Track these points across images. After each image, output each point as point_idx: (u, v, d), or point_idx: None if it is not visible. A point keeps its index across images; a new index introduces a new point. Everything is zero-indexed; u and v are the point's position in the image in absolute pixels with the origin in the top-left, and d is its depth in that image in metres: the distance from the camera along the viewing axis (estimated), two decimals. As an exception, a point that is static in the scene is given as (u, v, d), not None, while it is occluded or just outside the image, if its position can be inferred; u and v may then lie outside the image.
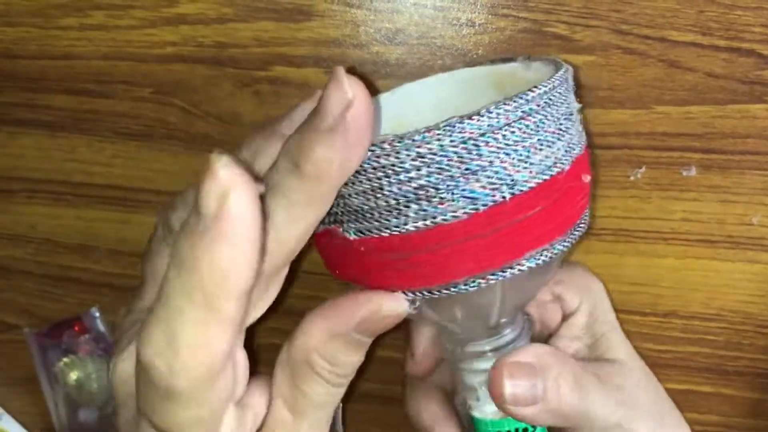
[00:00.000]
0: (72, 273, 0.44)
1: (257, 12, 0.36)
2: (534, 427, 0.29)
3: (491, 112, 0.21)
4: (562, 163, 0.23)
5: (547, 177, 0.22)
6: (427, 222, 0.21)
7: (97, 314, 0.45)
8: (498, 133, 0.21)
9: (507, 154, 0.21)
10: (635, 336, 0.41)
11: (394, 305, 0.23)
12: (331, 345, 0.23)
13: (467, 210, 0.21)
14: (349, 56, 0.37)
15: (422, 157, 0.21)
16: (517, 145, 0.21)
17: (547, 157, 0.22)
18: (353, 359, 0.23)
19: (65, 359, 0.45)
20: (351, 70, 0.28)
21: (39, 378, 0.46)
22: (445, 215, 0.21)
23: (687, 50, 0.35)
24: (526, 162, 0.22)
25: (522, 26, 0.35)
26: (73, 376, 0.45)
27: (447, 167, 0.21)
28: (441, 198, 0.21)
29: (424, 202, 0.21)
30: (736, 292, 0.39)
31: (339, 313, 0.23)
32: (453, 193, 0.21)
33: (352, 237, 0.22)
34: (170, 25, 0.37)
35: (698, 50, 0.35)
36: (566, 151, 0.23)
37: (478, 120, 0.21)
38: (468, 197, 0.21)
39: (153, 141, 0.40)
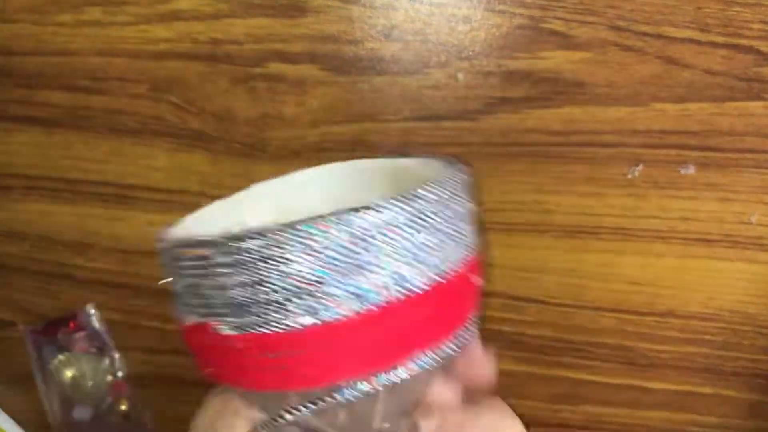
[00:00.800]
0: (67, 270, 0.44)
1: (252, 8, 0.36)
2: None
3: (383, 207, 0.20)
4: (454, 264, 0.22)
5: (438, 277, 0.21)
6: (312, 319, 0.20)
7: (93, 312, 0.45)
8: (389, 229, 0.20)
9: (396, 252, 0.20)
10: (633, 336, 0.41)
11: None
12: None
13: (353, 308, 0.20)
14: (345, 53, 0.36)
15: (308, 249, 0.19)
16: (408, 242, 0.20)
17: (439, 257, 0.21)
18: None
19: (60, 356, 0.45)
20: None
21: (34, 375, 0.46)
22: (330, 312, 0.20)
23: (685, 47, 0.35)
24: (417, 261, 0.20)
25: (518, 22, 0.35)
26: (68, 373, 0.45)
27: (334, 261, 0.19)
28: (326, 293, 0.20)
29: (308, 297, 0.20)
30: (735, 291, 0.39)
31: None
32: (339, 289, 0.20)
33: (228, 333, 0.21)
34: (165, 21, 0.37)
35: (696, 47, 0.34)
36: (459, 252, 0.22)
37: (369, 213, 0.20)
38: (354, 294, 0.20)
39: (148, 137, 0.40)
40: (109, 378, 0.46)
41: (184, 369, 0.47)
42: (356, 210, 0.20)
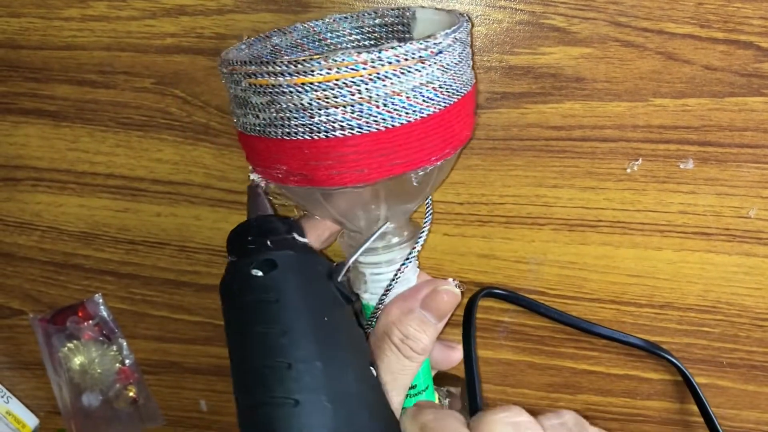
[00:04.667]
0: (75, 260, 0.45)
1: (256, 3, 0.36)
2: None
3: (431, 40, 0.26)
4: (466, 88, 0.29)
5: (458, 95, 0.28)
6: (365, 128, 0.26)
7: (100, 300, 0.46)
8: (421, 60, 0.26)
9: (428, 74, 0.27)
10: (631, 327, 0.41)
11: (446, 286, 0.32)
12: (404, 319, 0.31)
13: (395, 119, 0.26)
14: (347, 47, 0.37)
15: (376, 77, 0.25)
16: (436, 70, 0.27)
17: (457, 81, 0.28)
18: (422, 336, 0.31)
19: (69, 344, 0.46)
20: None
21: (44, 363, 0.47)
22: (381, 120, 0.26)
23: (685, 42, 0.35)
24: (444, 82, 0.27)
25: (519, 18, 0.35)
26: (77, 361, 0.46)
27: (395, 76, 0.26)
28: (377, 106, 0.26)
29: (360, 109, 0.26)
30: (732, 284, 0.39)
31: (408, 295, 0.32)
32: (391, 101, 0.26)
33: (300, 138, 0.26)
34: (170, 16, 0.37)
35: (696, 42, 0.35)
36: (468, 79, 0.30)
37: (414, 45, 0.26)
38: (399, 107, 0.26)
39: (154, 131, 0.40)
40: (117, 365, 0.47)
41: (190, 357, 0.47)
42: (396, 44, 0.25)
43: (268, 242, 0.28)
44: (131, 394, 0.48)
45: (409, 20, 0.33)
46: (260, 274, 0.27)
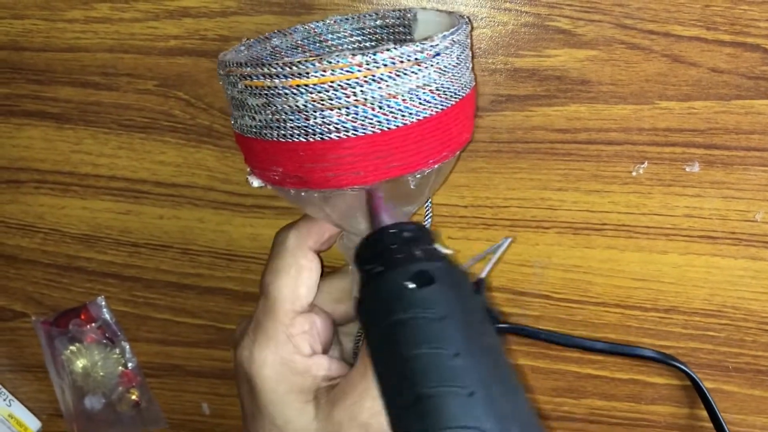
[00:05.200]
0: (78, 263, 0.45)
1: (260, 5, 0.36)
2: None
3: (429, 43, 0.26)
4: (465, 90, 0.29)
5: (457, 98, 0.28)
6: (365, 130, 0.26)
7: (103, 303, 0.46)
8: (421, 63, 0.26)
9: (425, 77, 0.26)
10: (636, 331, 0.41)
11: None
12: None
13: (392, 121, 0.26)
14: (351, 50, 0.37)
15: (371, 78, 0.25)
16: (434, 72, 0.27)
17: (456, 84, 0.28)
18: None
19: (72, 347, 0.45)
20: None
21: (46, 365, 0.47)
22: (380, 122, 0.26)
23: (691, 45, 0.35)
24: (442, 85, 0.27)
25: (524, 20, 0.35)
26: (80, 364, 0.46)
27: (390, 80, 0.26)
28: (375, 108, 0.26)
29: (361, 111, 0.26)
30: (738, 288, 0.39)
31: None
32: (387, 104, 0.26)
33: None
34: (174, 18, 0.37)
35: (702, 45, 0.34)
36: (467, 81, 0.30)
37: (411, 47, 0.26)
38: (395, 109, 0.26)
39: (157, 133, 0.40)
40: (120, 368, 0.47)
41: (193, 360, 0.47)
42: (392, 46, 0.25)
43: (417, 252, 0.25)
44: (134, 397, 0.48)
45: (410, 22, 0.33)
46: (414, 287, 0.24)
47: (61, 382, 0.47)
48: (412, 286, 0.24)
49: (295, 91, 0.25)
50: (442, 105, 0.27)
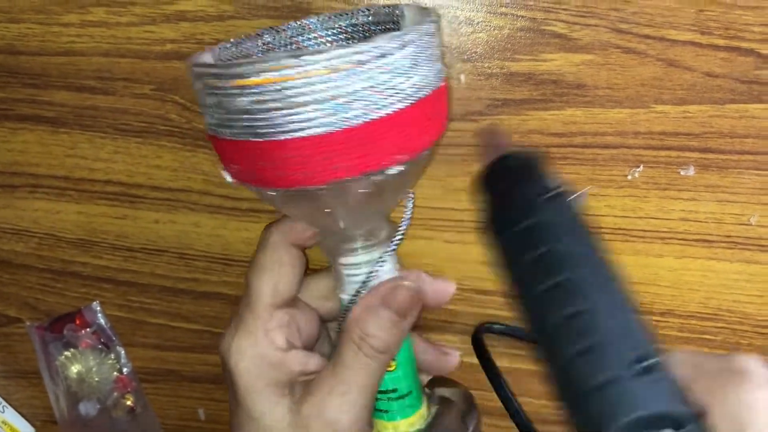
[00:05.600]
0: (73, 267, 0.45)
1: (256, 9, 0.36)
2: None
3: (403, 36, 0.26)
4: (436, 83, 0.29)
5: (427, 92, 0.28)
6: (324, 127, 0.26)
7: (98, 308, 0.46)
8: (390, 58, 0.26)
9: (393, 70, 0.26)
10: (632, 335, 0.41)
11: (406, 282, 0.32)
12: (364, 317, 0.30)
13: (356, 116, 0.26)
14: (348, 54, 0.37)
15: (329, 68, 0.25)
16: (404, 64, 0.27)
17: (425, 77, 0.28)
18: (381, 334, 0.30)
19: (66, 353, 0.45)
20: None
21: (41, 371, 0.47)
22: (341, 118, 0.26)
23: (686, 49, 0.35)
24: (411, 78, 0.27)
25: (520, 24, 0.35)
26: (74, 369, 0.45)
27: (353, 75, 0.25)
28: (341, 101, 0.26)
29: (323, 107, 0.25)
30: (734, 292, 0.39)
31: (371, 293, 0.31)
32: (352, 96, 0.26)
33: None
34: (170, 22, 0.37)
35: (697, 49, 0.35)
36: (438, 74, 0.29)
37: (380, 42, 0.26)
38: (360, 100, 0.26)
39: (153, 137, 0.40)
40: (115, 374, 0.46)
41: (188, 365, 0.47)
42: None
43: (538, 173, 0.28)
44: (129, 402, 0.47)
45: (398, 18, 0.33)
46: (546, 197, 0.27)
47: (55, 388, 0.47)
48: (545, 196, 0.27)
49: (238, 91, 0.25)
50: (392, 107, 0.26)
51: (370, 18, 0.34)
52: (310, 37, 0.34)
